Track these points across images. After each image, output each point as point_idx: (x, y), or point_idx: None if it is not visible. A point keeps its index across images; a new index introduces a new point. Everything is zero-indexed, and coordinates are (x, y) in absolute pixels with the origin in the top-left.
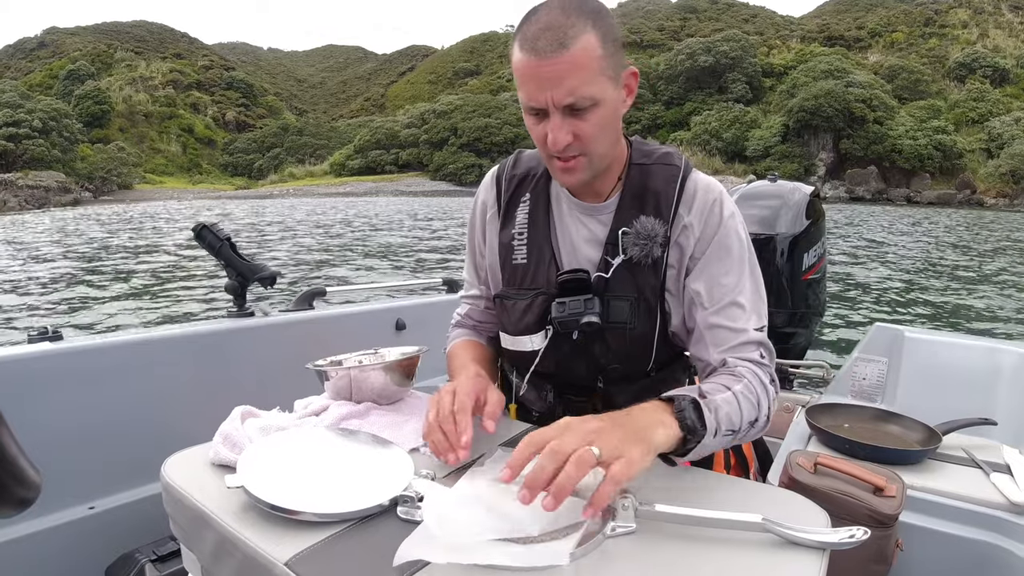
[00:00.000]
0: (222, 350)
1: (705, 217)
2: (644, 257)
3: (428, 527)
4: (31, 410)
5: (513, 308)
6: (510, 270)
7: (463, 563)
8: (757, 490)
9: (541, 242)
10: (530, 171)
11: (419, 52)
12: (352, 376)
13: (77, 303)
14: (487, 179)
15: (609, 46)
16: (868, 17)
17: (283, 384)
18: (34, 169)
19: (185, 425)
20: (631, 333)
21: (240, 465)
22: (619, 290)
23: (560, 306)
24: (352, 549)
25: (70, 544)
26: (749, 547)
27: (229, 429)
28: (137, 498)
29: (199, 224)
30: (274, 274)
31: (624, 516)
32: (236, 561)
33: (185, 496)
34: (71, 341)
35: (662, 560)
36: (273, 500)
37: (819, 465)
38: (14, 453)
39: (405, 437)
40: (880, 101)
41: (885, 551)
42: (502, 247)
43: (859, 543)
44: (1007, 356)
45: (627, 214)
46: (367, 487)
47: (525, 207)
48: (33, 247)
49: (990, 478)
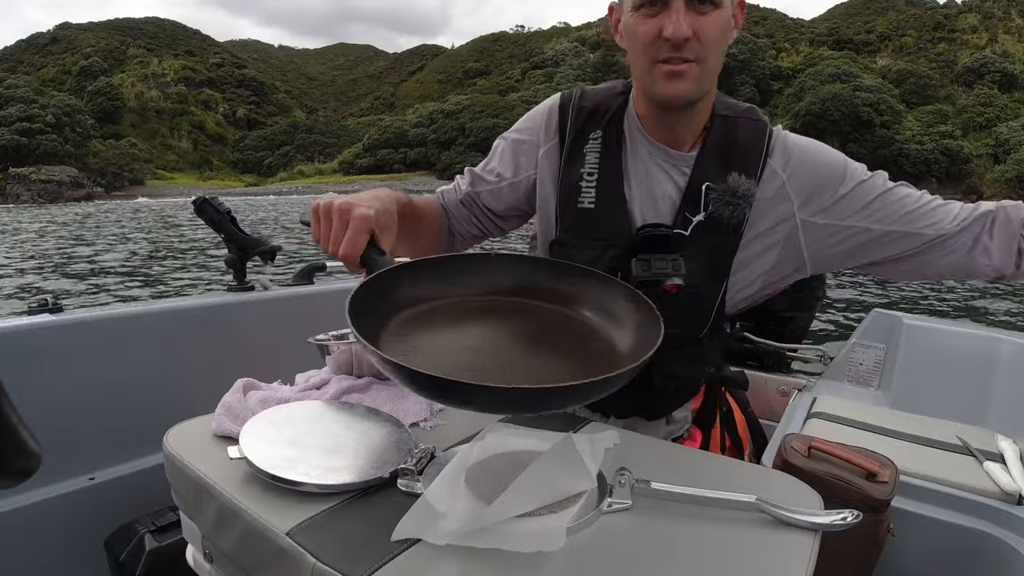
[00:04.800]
0: (223, 323)
1: (804, 165)
2: (732, 218)
3: (427, 501)
4: (32, 381)
5: (575, 258)
6: (573, 214)
7: (460, 545)
8: (752, 471)
9: (614, 187)
10: (600, 105)
11: (429, 51)
12: (354, 350)
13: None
14: (543, 108)
15: None
16: (878, 21)
17: (284, 358)
18: (47, 164)
19: (186, 397)
20: (698, 297)
21: (242, 436)
22: (694, 251)
23: (643, 264)
24: (353, 520)
25: (70, 514)
26: (742, 526)
27: (231, 401)
28: (137, 469)
29: (200, 198)
30: (274, 248)
31: (620, 492)
32: (238, 531)
33: (187, 466)
34: (71, 313)
35: (656, 536)
36: (275, 471)
37: (813, 449)
38: (14, 423)
39: (406, 411)
40: (887, 105)
41: (876, 535)
42: (564, 187)
43: (851, 526)
44: (1006, 345)
45: (711, 167)
46: (368, 460)
47: (596, 145)
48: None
49: (983, 466)
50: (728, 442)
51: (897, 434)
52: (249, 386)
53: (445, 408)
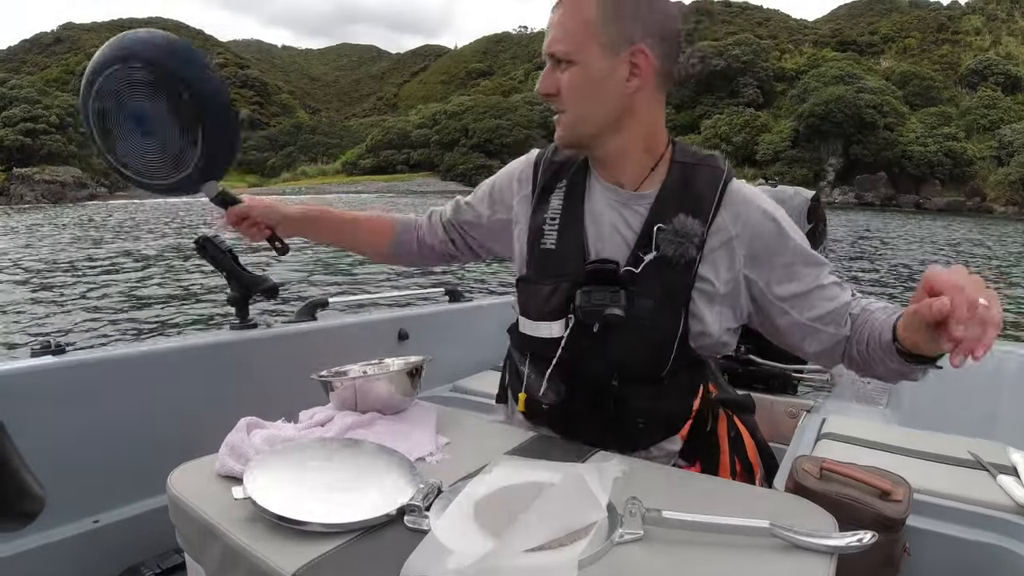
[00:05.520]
0: (226, 362)
1: (753, 226)
2: (678, 256)
3: (436, 537)
4: (34, 424)
5: (537, 293)
6: (538, 254)
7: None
8: (763, 496)
9: (572, 229)
10: (569, 159)
11: (432, 52)
12: (357, 386)
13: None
14: (526, 158)
15: (609, 12)
16: (882, 22)
17: (287, 395)
18: (51, 164)
19: (190, 437)
20: (652, 332)
21: (246, 476)
22: (647, 287)
23: (585, 295)
24: (360, 559)
25: (74, 558)
26: (756, 553)
27: (235, 440)
28: (142, 511)
29: (202, 237)
30: (276, 286)
31: (631, 523)
32: (243, 572)
33: (192, 507)
34: (74, 355)
35: (670, 566)
36: (280, 511)
37: (824, 470)
38: (17, 466)
39: (411, 446)
40: (891, 107)
41: (893, 555)
42: (532, 231)
43: (866, 547)
44: (1012, 358)
45: (665, 210)
46: (374, 497)
47: (560, 193)
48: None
49: (997, 480)
50: (739, 467)
51: (908, 452)
52: (253, 425)
53: (451, 441)
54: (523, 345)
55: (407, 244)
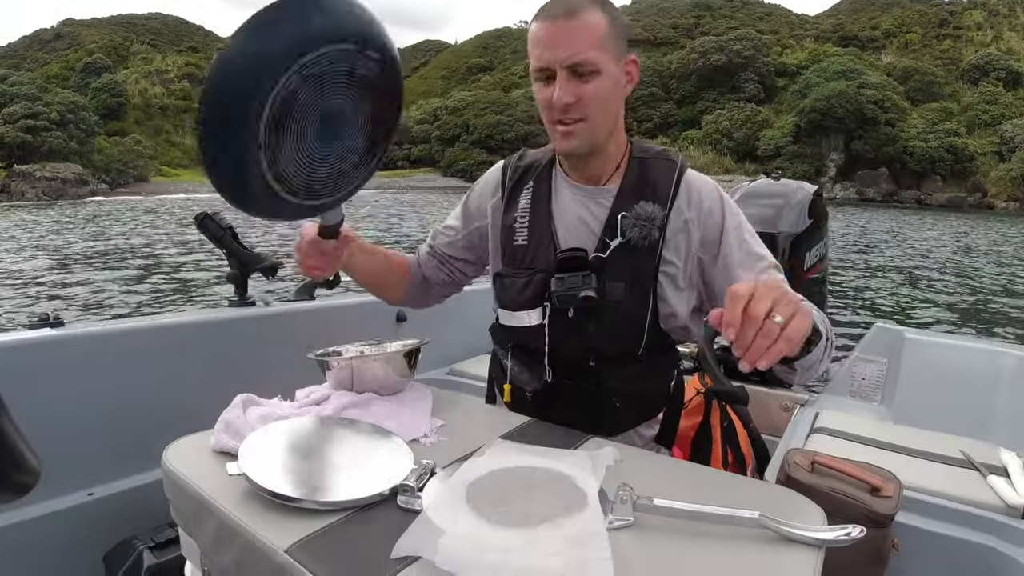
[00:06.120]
0: (224, 338)
1: (706, 211)
2: (642, 239)
3: (428, 518)
4: (31, 396)
5: (512, 285)
6: (511, 251)
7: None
8: (754, 487)
9: (541, 224)
10: (535, 162)
11: (433, 47)
12: (354, 366)
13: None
14: (495, 168)
15: (614, 29)
16: (883, 17)
17: (284, 373)
18: (52, 161)
19: (186, 413)
20: (625, 313)
21: (242, 452)
22: (615, 271)
23: (559, 281)
24: (352, 537)
25: (68, 530)
26: (745, 543)
27: (231, 417)
28: (136, 485)
29: (201, 213)
30: (275, 264)
31: (622, 509)
32: (236, 548)
33: (187, 482)
34: (72, 328)
35: (658, 554)
36: (274, 487)
37: (816, 464)
38: (13, 439)
39: (406, 427)
40: (892, 103)
41: (881, 551)
42: (504, 230)
43: (854, 541)
44: (1008, 359)
45: (627, 201)
46: (368, 476)
47: (528, 192)
48: None
49: (987, 480)
50: (731, 457)
51: (900, 448)
52: (249, 402)
53: (446, 424)
54: (505, 338)
55: (419, 279)
